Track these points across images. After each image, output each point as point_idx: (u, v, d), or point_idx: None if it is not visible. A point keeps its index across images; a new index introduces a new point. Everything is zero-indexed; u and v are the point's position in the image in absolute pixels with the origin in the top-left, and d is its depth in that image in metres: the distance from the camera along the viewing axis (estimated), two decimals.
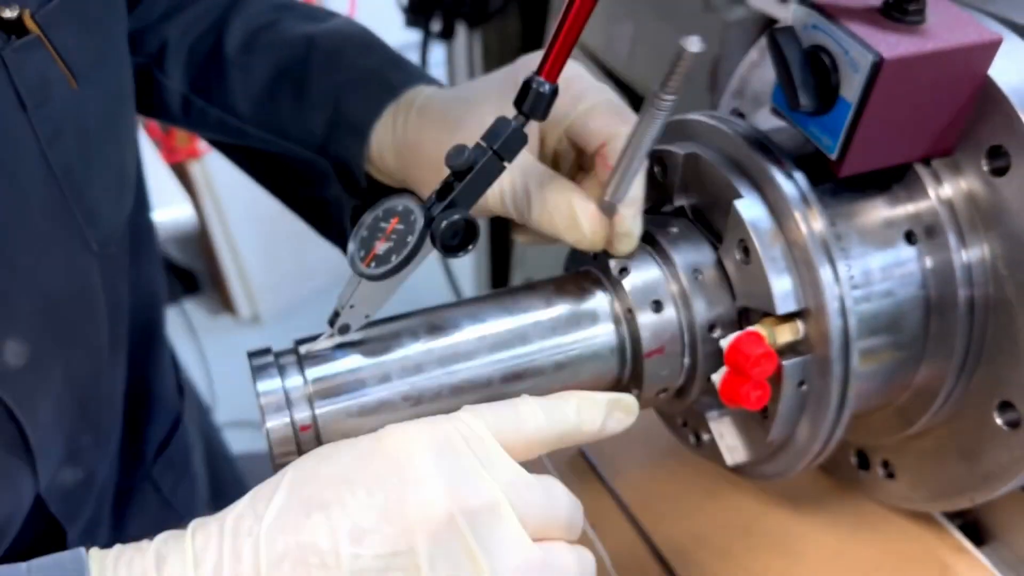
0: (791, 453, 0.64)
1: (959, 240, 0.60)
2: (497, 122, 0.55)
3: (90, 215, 0.70)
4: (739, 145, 0.61)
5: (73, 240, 0.70)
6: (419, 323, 0.60)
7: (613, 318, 0.62)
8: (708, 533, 0.78)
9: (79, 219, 0.69)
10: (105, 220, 0.73)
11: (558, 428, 0.52)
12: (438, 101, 0.69)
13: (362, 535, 0.45)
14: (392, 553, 0.45)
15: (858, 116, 0.54)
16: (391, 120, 0.71)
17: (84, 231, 0.70)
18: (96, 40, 0.68)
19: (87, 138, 0.69)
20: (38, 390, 0.69)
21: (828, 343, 0.57)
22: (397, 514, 0.46)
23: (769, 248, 0.58)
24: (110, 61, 0.72)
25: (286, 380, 0.56)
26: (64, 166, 0.66)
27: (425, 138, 0.68)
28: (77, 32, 0.66)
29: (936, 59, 0.53)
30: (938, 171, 0.61)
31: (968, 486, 0.66)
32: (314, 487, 0.47)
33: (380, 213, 0.57)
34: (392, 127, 0.71)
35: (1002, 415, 0.62)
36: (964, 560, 0.74)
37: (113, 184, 0.75)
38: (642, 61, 1.51)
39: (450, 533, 0.45)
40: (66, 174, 0.66)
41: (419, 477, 0.46)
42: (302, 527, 0.46)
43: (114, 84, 0.73)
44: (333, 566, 0.45)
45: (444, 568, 0.45)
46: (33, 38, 0.62)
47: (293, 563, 0.45)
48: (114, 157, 0.74)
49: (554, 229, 0.61)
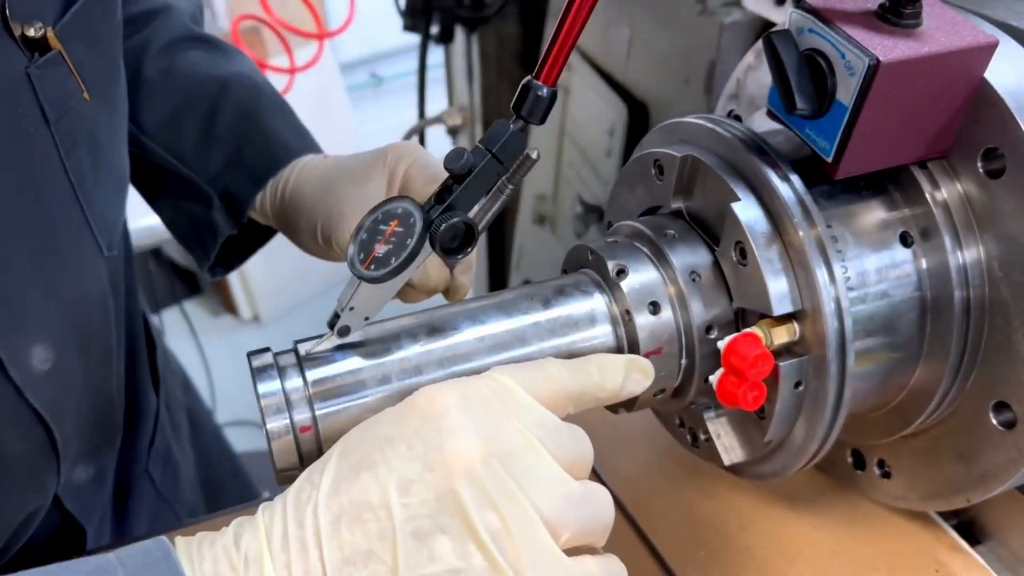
0: (788, 453, 0.64)
1: (955, 242, 0.61)
2: (496, 125, 0.55)
3: (100, 220, 0.73)
4: (736, 148, 0.61)
5: (88, 246, 0.73)
6: (418, 325, 0.60)
7: (611, 319, 0.62)
8: (705, 532, 0.78)
9: (92, 225, 0.71)
10: (110, 224, 0.75)
11: (581, 384, 0.54)
12: (320, 166, 0.83)
13: (408, 485, 0.48)
14: (437, 498, 0.47)
15: (854, 119, 0.55)
16: (281, 174, 0.85)
17: (96, 237, 0.73)
18: (102, 53, 0.71)
19: (97, 147, 0.72)
20: (63, 393, 0.72)
21: (824, 344, 0.57)
22: (437, 462, 0.48)
23: (765, 250, 0.58)
24: (112, 73, 0.75)
25: (286, 382, 0.56)
26: (79, 175, 0.69)
27: (303, 192, 0.82)
28: (87, 47, 0.68)
29: (932, 62, 0.53)
30: (934, 173, 0.61)
31: (964, 486, 0.66)
32: (361, 451, 0.50)
33: (379, 216, 0.57)
34: (280, 180, 0.85)
35: (998, 415, 0.62)
36: (959, 559, 0.74)
37: (116, 190, 0.77)
38: (639, 65, 1.52)
39: (488, 474, 0.47)
40: (80, 183, 0.69)
41: (453, 427, 0.49)
42: (353, 487, 0.48)
43: (114, 94, 0.75)
44: (385, 518, 0.47)
45: (488, 508, 0.47)
46: (55, 54, 0.64)
47: (350, 521, 0.47)
48: (116, 164, 0.77)
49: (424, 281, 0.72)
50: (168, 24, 0.94)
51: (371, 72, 3.80)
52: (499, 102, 2.10)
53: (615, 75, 1.58)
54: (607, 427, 0.89)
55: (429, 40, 2.13)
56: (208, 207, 0.89)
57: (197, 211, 0.90)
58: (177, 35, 0.94)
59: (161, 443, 1.05)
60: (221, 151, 0.88)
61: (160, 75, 0.91)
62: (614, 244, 0.65)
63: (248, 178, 0.86)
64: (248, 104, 0.89)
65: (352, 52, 3.51)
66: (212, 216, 0.89)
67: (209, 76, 0.90)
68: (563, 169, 1.80)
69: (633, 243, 0.65)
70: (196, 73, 0.91)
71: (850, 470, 0.77)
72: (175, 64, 0.91)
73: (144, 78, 0.90)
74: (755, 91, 0.77)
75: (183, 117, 0.89)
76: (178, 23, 0.95)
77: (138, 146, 0.90)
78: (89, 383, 0.76)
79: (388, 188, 0.77)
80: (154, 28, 0.94)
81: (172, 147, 0.89)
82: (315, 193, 0.81)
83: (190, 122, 0.89)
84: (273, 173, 0.85)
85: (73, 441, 0.75)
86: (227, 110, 0.88)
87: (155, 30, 0.93)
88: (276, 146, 0.86)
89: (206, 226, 0.90)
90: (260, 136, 0.87)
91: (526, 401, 0.51)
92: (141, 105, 0.90)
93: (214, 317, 3.36)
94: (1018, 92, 0.56)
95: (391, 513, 0.47)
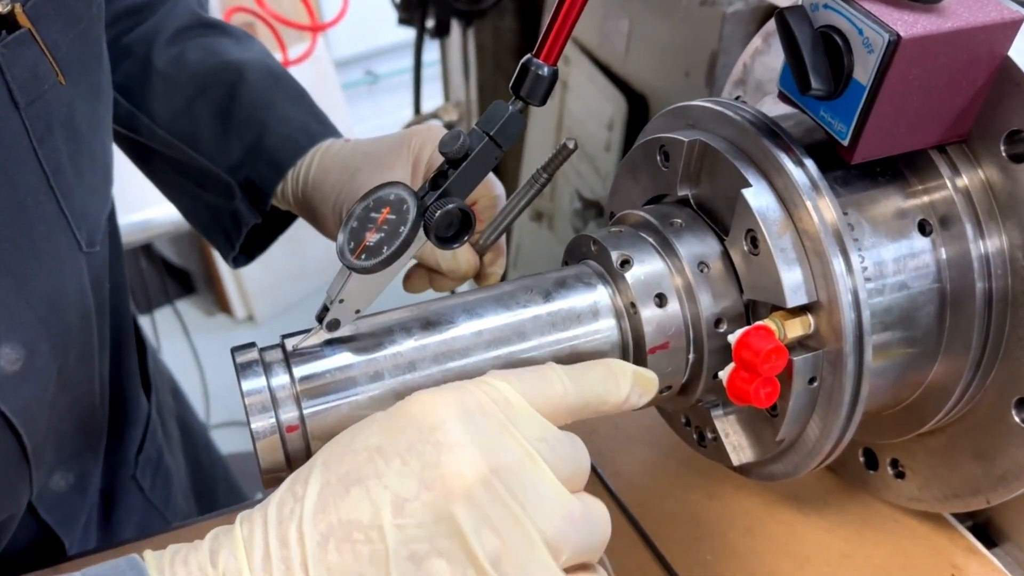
0: (800, 452, 0.62)
1: (976, 230, 0.58)
2: (493, 106, 0.53)
3: (79, 214, 0.70)
4: (746, 131, 0.58)
5: (65, 241, 0.69)
6: (412, 318, 0.58)
7: (615, 313, 0.60)
8: (711, 535, 0.76)
9: (69, 219, 0.68)
10: (92, 219, 0.72)
11: (583, 396, 0.51)
12: (342, 151, 0.82)
13: (403, 504, 0.45)
14: (435, 519, 0.44)
15: (872, 99, 0.52)
16: (302, 161, 0.83)
17: (75, 231, 0.70)
18: (79, 35, 0.68)
19: (76, 136, 0.69)
20: (34, 395, 0.68)
21: (841, 338, 0.54)
22: (435, 480, 0.45)
23: (778, 238, 0.55)
24: (93, 57, 0.72)
25: (272, 379, 0.54)
26: (55, 164, 0.66)
27: (326, 179, 0.80)
28: (63, 27, 0.65)
29: (954, 39, 0.51)
30: (953, 158, 0.59)
31: (983, 486, 0.64)
32: (349, 462, 0.46)
33: (371, 203, 0.54)
34: (301, 167, 0.83)
35: (1020, 412, 0.60)
36: (975, 562, 0.72)
37: (99, 182, 0.75)
38: (638, 57, 1.50)
39: (489, 496, 0.45)
40: (56, 173, 0.66)
41: (451, 441, 0.46)
42: (341, 504, 0.45)
43: (96, 80, 0.72)
44: (378, 540, 0.44)
45: (488, 530, 0.44)
46: (24, 32, 0.61)
47: (338, 542, 0.44)
48: (99, 154, 0.75)
49: (435, 263, 0.72)
50: (175, 11, 0.92)
51: (366, 70, 3.79)
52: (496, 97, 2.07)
53: (614, 68, 1.57)
54: (609, 426, 0.87)
55: (424, 34, 2.12)
56: (230, 197, 0.87)
57: (218, 202, 0.88)
58: (185, 22, 0.92)
59: (151, 449, 1.02)
60: (240, 140, 0.86)
61: (172, 65, 0.89)
62: (618, 234, 0.63)
63: (269, 166, 0.84)
64: (265, 91, 0.87)
65: (347, 49, 3.51)
66: (235, 206, 0.87)
67: (223, 64, 0.88)
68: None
69: (638, 233, 0.63)
70: (209, 61, 0.89)
71: (862, 470, 0.74)
72: (186, 53, 0.89)
73: (155, 68, 0.88)
74: (763, 76, 0.75)
75: (199, 107, 0.87)
76: (185, 9, 0.93)
77: (152, 138, 0.89)
78: (66, 385, 0.73)
79: (413, 173, 0.75)
80: (161, 16, 0.91)
81: (189, 138, 0.88)
82: (339, 179, 0.79)
83: (207, 112, 0.87)
84: (294, 160, 0.83)
85: (48, 446, 0.73)
86: (244, 98, 0.86)
87: (162, 18, 0.91)
88: (296, 132, 0.84)
89: (229, 216, 0.89)
90: (279, 123, 0.85)
91: (526, 411, 0.48)
92: (154, 96, 0.88)
93: (208, 316, 3.34)
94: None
95: (384, 534, 0.44)
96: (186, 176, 0.91)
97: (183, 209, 0.96)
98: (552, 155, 0.59)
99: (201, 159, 0.87)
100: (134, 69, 0.89)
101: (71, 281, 0.72)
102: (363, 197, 0.54)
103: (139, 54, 0.88)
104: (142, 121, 0.88)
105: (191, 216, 0.95)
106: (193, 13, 0.93)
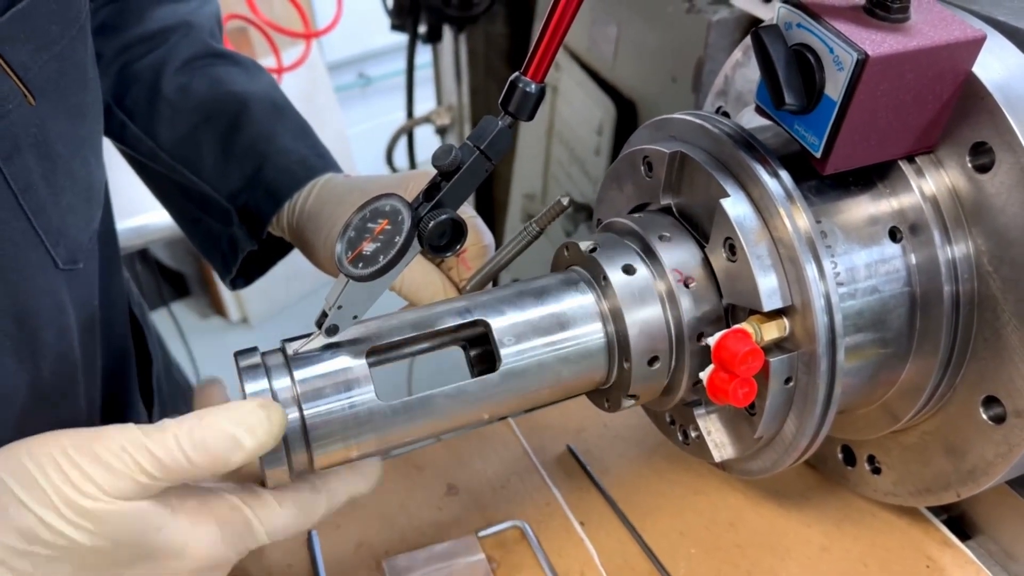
0: (778, 449, 0.64)
1: (943, 237, 0.61)
2: (484, 121, 0.55)
3: (55, 232, 0.69)
4: (724, 144, 0.61)
5: (36, 257, 0.68)
6: (405, 324, 0.60)
7: (601, 317, 0.62)
8: (696, 529, 0.78)
9: (42, 236, 0.68)
10: (71, 237, 0.71)
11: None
12: (338, 186, 0.84)
13: None
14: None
15: (843, 114, 0.55)
16: (299, 193, 0.85)
17: (49, 248, 0.69)
18: (55, 57, 0.67)
19: (51, 155, 0.67)
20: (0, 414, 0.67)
21: (814, 339, 0.57)
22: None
23: (755, 246, 0.58)
24: (72, 78, 0.71)
25: (274, 381, 0.56)
26: (24, 183, 0.64)
27: (323, 211, 0.82)
28: (34, 50, 0.64)
29: (920, 56, 0.53)
30: (922, 168, 0.61)
31: (954, 481, 0.67)
32: None
33: (367, 214, 0.57)
34: (298, 199, 0.85)
35: (987, 410, 0.63)
36: (949, 554, 0.74)
37: (81, 200, 0.73)
38: (626, 63, 1.51)
39: None
40: (26, 191, 0.65)
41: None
42: None
43: (77, 101, 0.72)
44: None
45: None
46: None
47: None
48: (81, 173, 0.73)
49: (419, 299, 0.73)
50: (186, 40, 0.95)
51: (359, 72, 3.78)
52: (487, 101, 2.10)
53: (603, 74, 1.58)
54: (597, 425, 0.89)
55: (417, 40, 2.13)
56: (228, 223, 0.89)
57: (218, 226, 0.91)
58: (196, 52, 0.94)
59: None
60: (240, 169, 0.88)
61: (178, 92, 0.91)
62: (603, 241, 0.65)
63: (267, 196, 0.86)
64: (267, 123, 0.89)
65: (339, 52, 3.50)
66: (233, 231, 0.90)
67: (228, 94, 0.91)
68: (552, 168, 1.79)
69: (623, 240, 0.65)
70: (215, 90, 0.91)
71: (840, 466, 0.77)
72: (194, 81, 0.92)
73: (162, 95, 0.90)
74: (743, 88, 0.77)
75: (202, 135, 0.90)
76: (197, 40, 0.95)
77: (157, 161, 0.91)
78: (43, 400, 0.71)
79: None
80: (172, 45, 0.94)
81: (190, 163, 0.90)
82: (333, 213, 0.81)
83: (209, 140, 0.89)
84: (291, 192, 0.86)
85: None
86: (246, 128, 0.89)
87: (173, 47, 0.93)
88: (295, 165, 0.87)
89: (227, 241, 0.91)
90: (279, 155, 0.87)
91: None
92: (160, 121, 0.90)
93: (202, 319, 3.34)
94: (1006, 86, 0.57)
95: None
96: (189, 199, 0.93)
97: (186, 230, 0.98)
98: (545, 210, 0.63)
99: (202, 184, 0.89)
100: (142, 95, 0.91)
101: (44, 298, 0.70)
102: (360, 208, 0.57)
103: (148, 81, 0.90)
104: (148, 145, 0.90)
105: (193, 237, 0.97)
106: (204, 43, 0.95)
